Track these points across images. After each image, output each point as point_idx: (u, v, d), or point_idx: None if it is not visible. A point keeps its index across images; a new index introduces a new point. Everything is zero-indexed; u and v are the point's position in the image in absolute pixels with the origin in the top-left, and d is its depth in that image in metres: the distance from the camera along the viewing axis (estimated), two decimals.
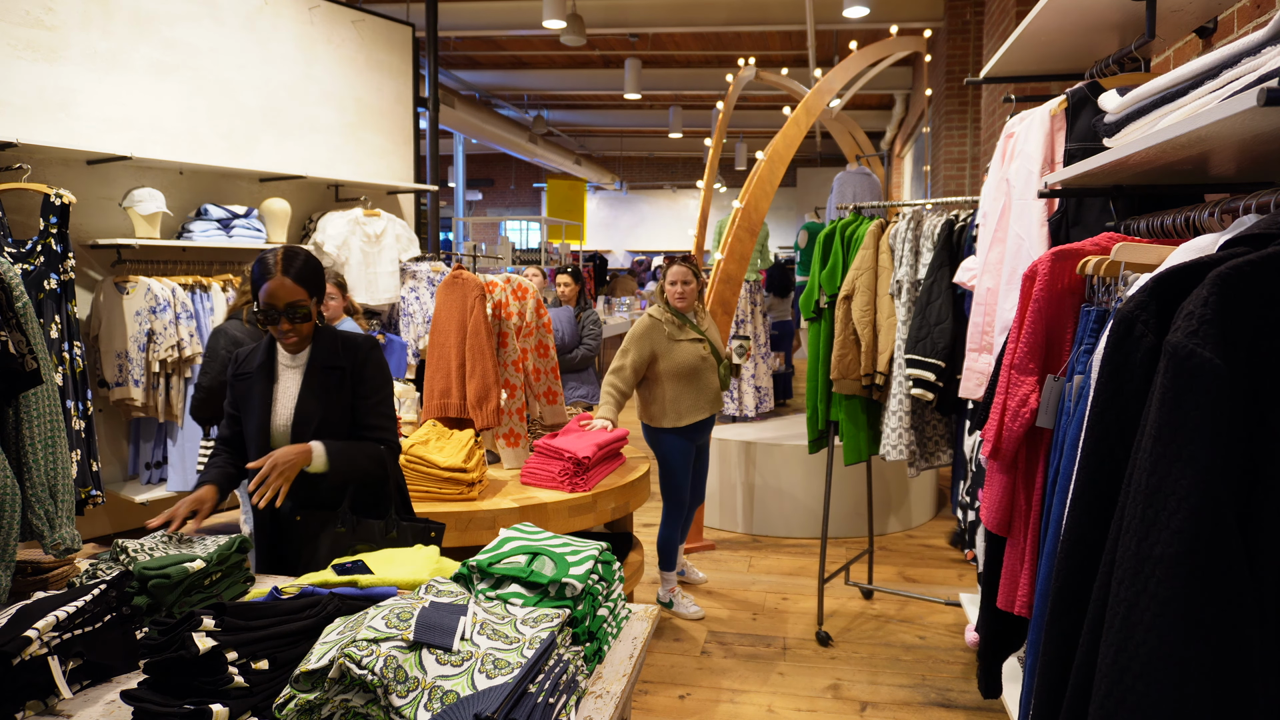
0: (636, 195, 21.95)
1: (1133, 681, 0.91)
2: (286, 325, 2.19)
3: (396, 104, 6.25)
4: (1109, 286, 1.56)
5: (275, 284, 2.16)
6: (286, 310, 2.18)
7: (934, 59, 8.64)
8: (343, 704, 1.34)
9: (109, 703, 1.52)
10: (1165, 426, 0.94)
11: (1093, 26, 2.28)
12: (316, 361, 2.27)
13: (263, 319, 2.20)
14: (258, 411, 2.26)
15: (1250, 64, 1.20)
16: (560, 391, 3.91)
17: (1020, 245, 2.31)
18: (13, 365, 1.90)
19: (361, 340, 2.36)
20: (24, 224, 4.05)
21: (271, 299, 2.16)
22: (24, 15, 4.21)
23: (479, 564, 1.70)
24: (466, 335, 3.46)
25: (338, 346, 2.31)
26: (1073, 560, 1.15)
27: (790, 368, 7.07)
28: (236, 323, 3.42)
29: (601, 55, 11.84)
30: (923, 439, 3.56)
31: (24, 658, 1.45)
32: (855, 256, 3.60)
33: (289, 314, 2.18)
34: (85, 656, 1.56)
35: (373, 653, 1.32)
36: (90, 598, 1.60)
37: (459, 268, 3.61)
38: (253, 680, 1.41)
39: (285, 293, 2.17)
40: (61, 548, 2.08)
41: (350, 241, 5.41)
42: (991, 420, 1.76)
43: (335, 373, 2.27)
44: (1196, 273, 1.02)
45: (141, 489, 4.60)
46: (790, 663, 3.44)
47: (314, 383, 2.26)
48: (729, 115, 6.62)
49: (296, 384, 2.28)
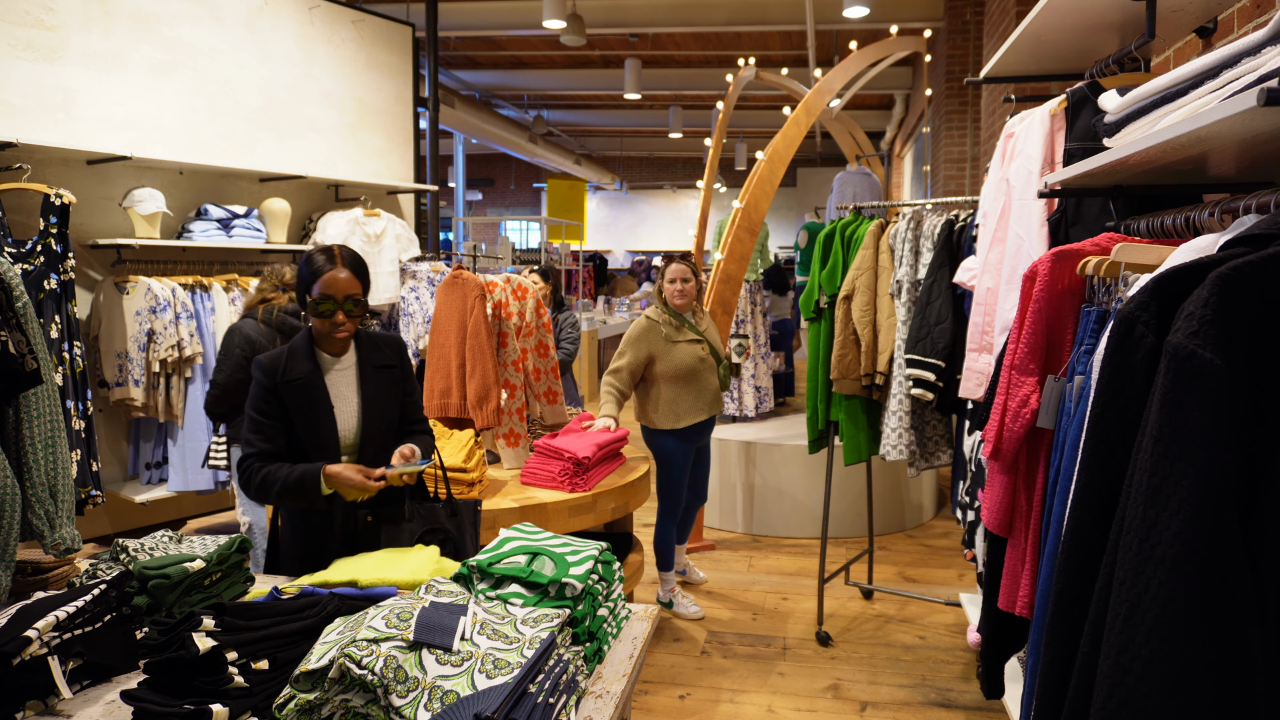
0: (636, 195, 21.95)
1: (1134, 682, 0.91)
2: (342, 318, 2.16)
3: (396, 104, 6.24)
4: (1109, 287, 1.56)
5: (334, 275, 2.14)
6: (345, 303, 2.16)
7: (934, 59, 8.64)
8: (343, 704, 1.34)
9: (109, 703, 1.52)
10: (1166, 427, 0.94)
11: (1093, 26, 2.28)
12: (368, 361, 2.27)
13: (316, 312, 2.15)
14: (323, 417, 2.19)
15: (1250, 64, 1.20)
16: (560, 391, 3.90)
17: (1020, 245, 2.31)
18: (13, 365, 1.90)
19: (392, 338, 2.38)
20: (24, 224, 4.05)
21: (331, 290, 2.14)
22: (24, 15, 4.20)
23: (479, 564, 1.70)
24: (466, 335, 3.46)
25: (379, 345, 2.32)
26: (1074, 561, 1.15)
27: (790, 368, 7.07)
28: (251, 322, 3.42)
29: (601, 55, 11.84)
30: (923, 439, 3.55)
31: (24, 658, 1.45)
32: (855, 256, 3.60)
33: (347, 307, 2.16)
34: (85, 656, 1.56)
35: (373, 653, 1.32)
36: (90, 598, 1.60)
37: (459, 268, 3.60)
38: (253, 680, 1.41)
39: (345, 285, 2.15)
40: (61, 548, 2.08)
41: (350, 241, 5.40)
42: (992, 421, 1.76)
43: (388, 371, 2.29)
44: (1197, 273, 1.02)
45: (141, 489, 4.60)
46: (790, 663, 3.44)
47: (373, 383, 2.26)
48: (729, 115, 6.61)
49: (350, 386, 2.26)
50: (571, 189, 16.92)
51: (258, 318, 3.42)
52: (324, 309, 2.15)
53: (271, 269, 3.58)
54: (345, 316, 2.17)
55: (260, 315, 3.42)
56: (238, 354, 3.34)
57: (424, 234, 6.65)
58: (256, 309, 3.46)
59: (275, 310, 3.42)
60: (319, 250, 2.21)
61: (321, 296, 2.14)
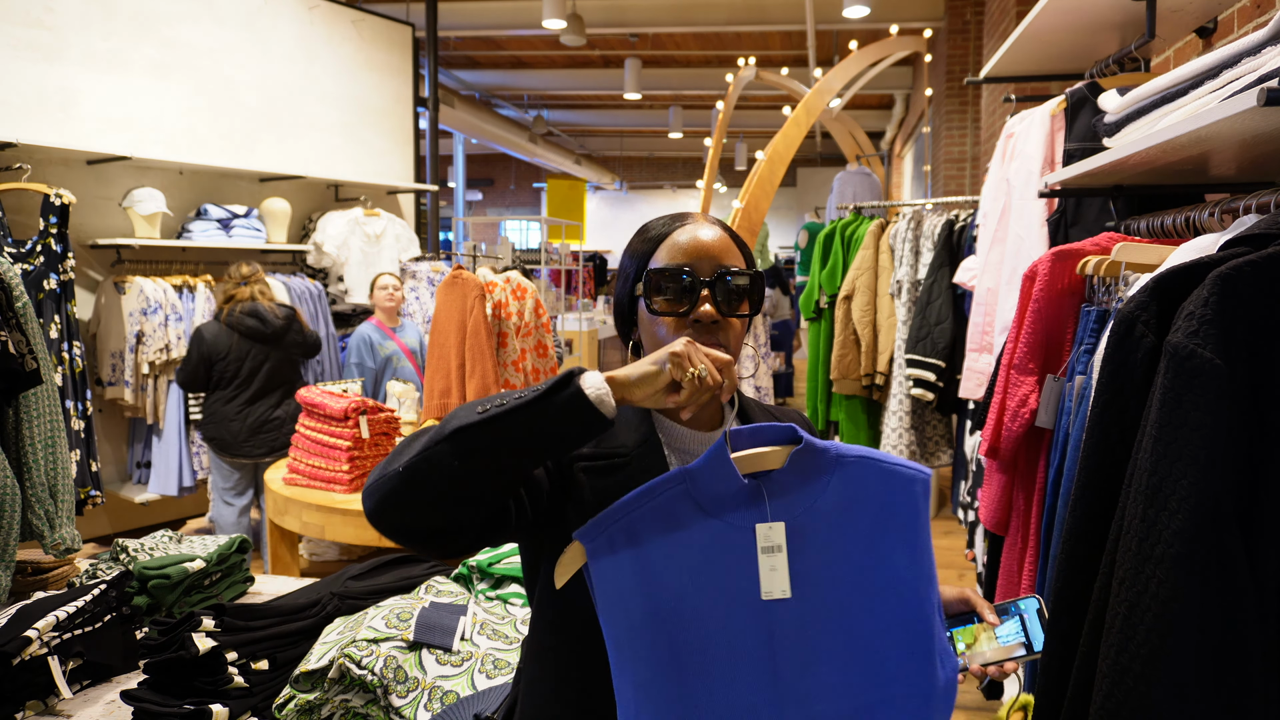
0: (636, 195, 21.94)
1: (1133, 682, 0.91)
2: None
3: (396, 104, 6.24)
4: (1109, 287, 1.56)
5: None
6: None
7: (934, 59, 8.64)
8: (343, 704, 1.34)
9: (109, 703, 1.52)
10: (1166, 426, 0.94)
11: (1093, 26, 2.28)
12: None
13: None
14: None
15: (1250, 64, 1.20)
16: None
17: (1020, 245, 2.31)
18: (13, 365, 1.90)
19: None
20: (24, 224, 4.05)
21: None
22: (24, 15, 4.20)
23: (479, 564, 1.70)
24: (466, 335, 3.46)
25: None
26: (1073, 561, 1.15)
27: (790, 368, 7.06)
28: (214, 323, 3.74)
29: (601, 55, 11.83)
30: (923, 439, 3.55)
31: (24, 658, 1.45)
32: (855, 256, 3.60)
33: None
34: (85, 656, 1.56)
35: (373, 653, 1.32)
36: (90, 598, 1.60)
37: (459, 268, 3.61)
38: (252, 680, 1.41)
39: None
40: (61, 548, 2.08)
41: (350, 241, 5.41)
42: (990, 419, 1.76)
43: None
44: (1197, 273, 1.02)
45: (139, 489, 4.60)
46: None
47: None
48: (729, 115, 6.61)
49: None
50: (571, 189, 16.92)
51: (220, 318, 3.72)
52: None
53: (230, 271, 3.86)
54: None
55: (223, 316, 3.71)
56: (195, 357, 3.70)
57: (424, 234, 6.66)
58: (220, 310, 3.77)
59: (236, 310, 3.71)
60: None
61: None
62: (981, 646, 1.05)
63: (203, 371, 3.72)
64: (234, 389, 3.74)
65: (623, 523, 0.91)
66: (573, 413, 0.87)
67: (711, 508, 0.92)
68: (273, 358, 3.79)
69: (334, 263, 5.33)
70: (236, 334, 3.69)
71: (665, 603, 0.90)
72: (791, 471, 0.94)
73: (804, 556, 0.92)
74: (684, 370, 0.90)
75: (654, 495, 0.92)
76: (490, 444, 0.87)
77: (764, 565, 0.92)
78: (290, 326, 3.84)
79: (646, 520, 0.91)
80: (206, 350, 3.69)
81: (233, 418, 3.73)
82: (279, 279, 4.92)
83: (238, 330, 3.69)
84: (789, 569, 0.92)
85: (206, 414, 3.80)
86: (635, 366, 0.92)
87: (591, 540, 0.91)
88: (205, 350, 3.68)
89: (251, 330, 3.71)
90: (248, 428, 3.73)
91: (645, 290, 1.04)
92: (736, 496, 0.92)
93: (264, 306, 3.76)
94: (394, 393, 3.64)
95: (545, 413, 0.87)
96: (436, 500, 0.88)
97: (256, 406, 3.76)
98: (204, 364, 3.70)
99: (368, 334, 4.30)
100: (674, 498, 0.92)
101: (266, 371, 3.77)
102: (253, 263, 3.87)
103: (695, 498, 0.92)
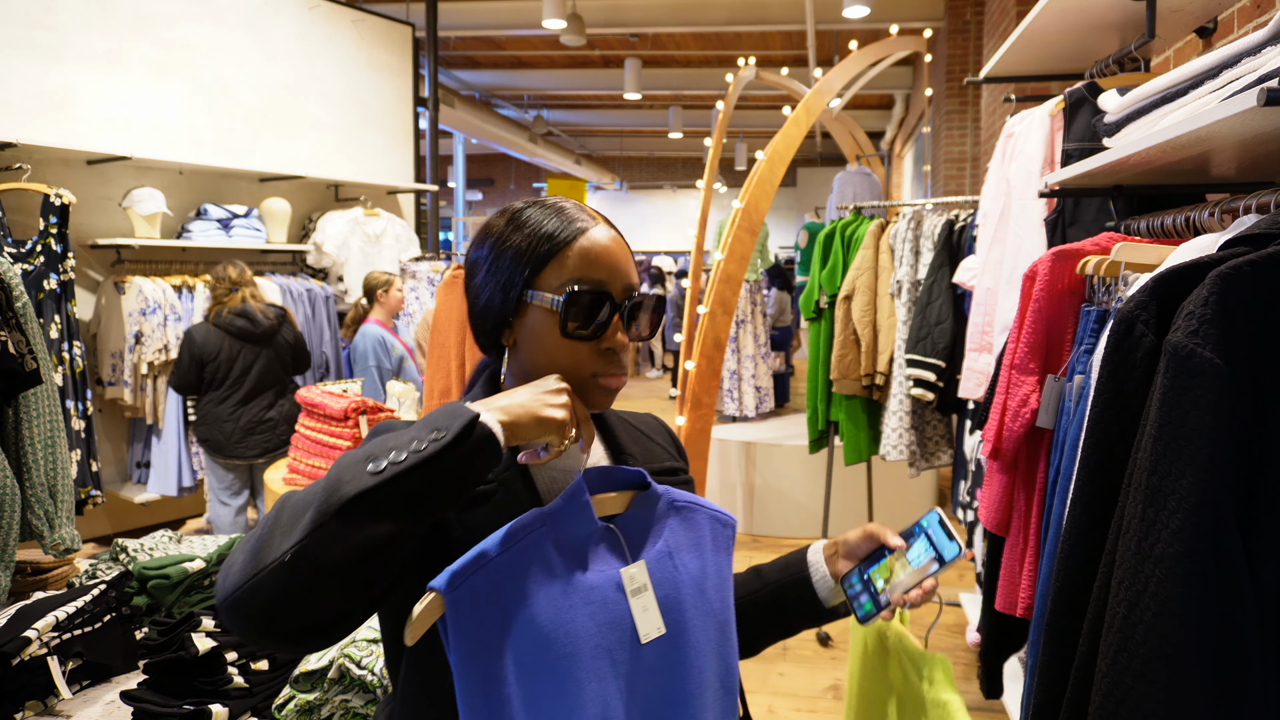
0: (636, 195, 21.94)
1: (1133, 682, 0.91)
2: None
3: (396, 104, 6.24)
4: (1109, 286, 1.56)
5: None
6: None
7: (934, 59, 8.64)
8: (342, 704, 1.34)
9: (109, 703, 1.52)
10: (1165, 426, 0.94)
11: (1093, 26, 2.28)
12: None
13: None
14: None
15: (1250, 64, 1.20)
16: None
17: (1020, 245, 2.31)
18: (13, 365, 1.90)
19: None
20: (24, 224, 4.05)
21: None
22: (24, 15, 4.20)
23: None
24: (466, 335, 3.46)
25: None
26: (1072, 560, 1.15)
27: (790, 368, 7.07)
28: (203, 325, 3.74)
29: (601, 55, 11.83)
30: (923, 439, 3.55)
31: (24, 658, 1.45)
32: (855, 256, 3.60)
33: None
34: (85, 656, 1.56)
35: (373, 653, 1.32)
36: (90, 598, 1.60)
37: (459, 268, 3.61)
38: (252, 680, 1.41)
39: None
40: (61, 548, 2.08)
41: (350, 241, 5.41)
42: (992, 420, 1.76)
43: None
44: (1197, 272, 1.02)
45: (138, 489, 4.61)
46: (790, 663, 3.43)
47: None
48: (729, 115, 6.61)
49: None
50: (571, 189, 16.93)
51: (209, 320, 3.73)
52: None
53: (218, 272, 3.83)
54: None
55: (212, 318, 3.72)
56: (186, 359, 3.71)
57: (424, 234, 6.66)
58: (210, 311, 3.77)
59: (225, 312, 3.72)
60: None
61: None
62: (899, 576, 1.08)
63: (194, 374, 3.71)
64: (226, 390, 3.74)
65: (483, 571, 0.86)
66: (483, 457, 0.81)
67: (571, 551, 0.91)
68: (263, 358, 3.79)
69: (334, 263, 5.33)
70: (227, 335, 3.70)
71: (528, 653, 0.86)
72: (637, 514, 0.96)
73: (660, 594, 0.95)
74: (565, 435, 0.88)
75: (513, 540, 0.88)
76: (397, 506, 0.76)
77: (636, 607, 0.91)
78: (280, 327, 3.84)
79: (507, 567, 0.87)
80: (197, 352, 3.68)
81: (225, 419, 3.73)
82: (276, 280, 4.94)
83: (228, 331, 3.70)
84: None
85: (200, 415, 3.80)
86: (524, 410, 0.85)
87: (452, 590, 0.83)
88: (196, 352, 3.68)
89: (241, 331, 3.71)
90: (241, 429, 3.73)
91: (565, 309, 0.93)
92: (593, 538, 0.92)
93: (253, 307, 3.76)
94: (394, 393, 3.64)
95: (460, 460, 0.79)
96: (342, 587, 0.75)
97: (250, 407, 3.76)
98: (195, 366, 3.70)
99: (380, 335, 4.31)
100: (534, 543, 0.89)
101: (258, 372, 3.77)
102: (239, 263, 3.85)
103: (554, 541, 0.90)
